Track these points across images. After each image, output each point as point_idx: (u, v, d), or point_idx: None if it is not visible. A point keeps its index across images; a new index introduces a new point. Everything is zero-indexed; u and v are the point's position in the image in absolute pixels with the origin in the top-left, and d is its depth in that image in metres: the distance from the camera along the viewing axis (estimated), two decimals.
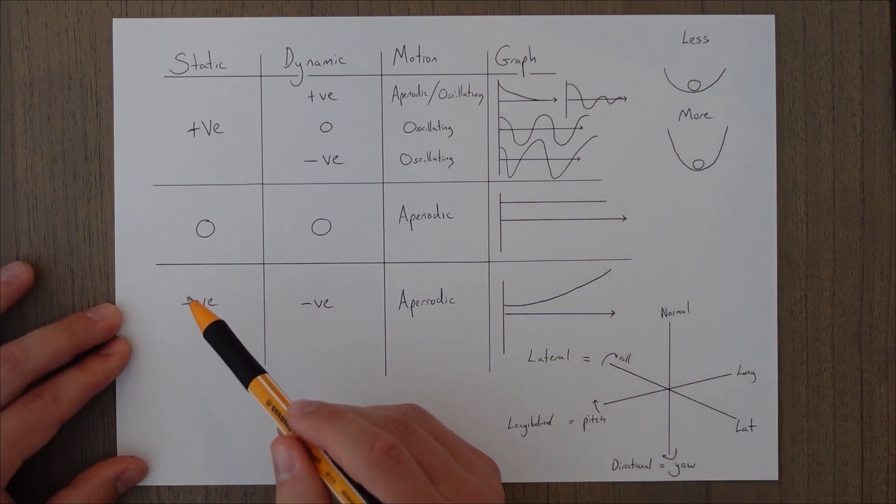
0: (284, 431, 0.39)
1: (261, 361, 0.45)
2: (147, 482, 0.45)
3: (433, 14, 0.46)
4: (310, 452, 0.38)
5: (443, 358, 0.46)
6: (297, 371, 0.46)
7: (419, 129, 0.46)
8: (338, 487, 0.37)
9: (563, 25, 0.46)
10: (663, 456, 0.46)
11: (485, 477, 0.39)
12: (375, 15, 0.46)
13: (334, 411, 0.38)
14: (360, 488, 0.37)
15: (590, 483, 0.46)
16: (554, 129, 0.46)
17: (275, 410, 0.39)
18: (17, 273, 0.44)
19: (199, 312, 0.42)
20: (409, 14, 0.46)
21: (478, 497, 0.38)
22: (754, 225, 0.46)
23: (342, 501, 0.37)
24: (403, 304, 0.46)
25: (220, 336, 0.42)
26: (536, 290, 0.46)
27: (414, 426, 0.39)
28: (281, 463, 0.38)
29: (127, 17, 0.46)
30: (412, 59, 0.46)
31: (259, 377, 0.40)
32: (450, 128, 0.46)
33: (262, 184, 0.46)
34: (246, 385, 0.40)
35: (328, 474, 0.37)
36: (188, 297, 0.45)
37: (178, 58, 0.46)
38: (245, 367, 0.41)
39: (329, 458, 0.38)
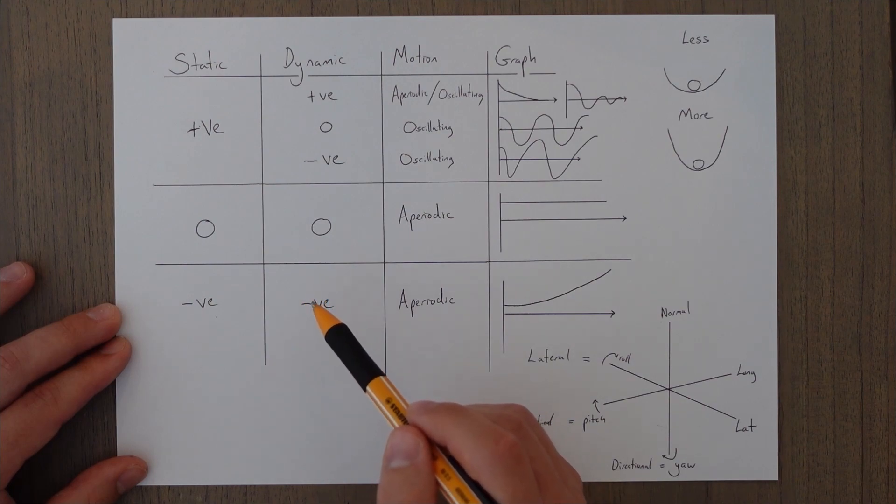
0: None
1: (260, 361, 0.46)
2: (147, 482, 0.45)
3: (433, 14, 0.46)
4: None
5: (443, 358, 0.46)
6: (297, 371, 0.46)
7: (419, 129, 0.46)
8: (452, 485, 0.37)
9: (563, 25, 0.46)
10: (663, 456, 0.46)
11: (575, 493, 0.39)
12: (375, 15, 0.46)
13: (457, 408, 0.38)
14: (473, 487, 0.37)
15: (590, 483, 0.46)
16: (554, 129, 0.46)
17: (394, 408, 0.39)
18: (18, 273, 0.44)
19: (321, 316, 0.42)
20: (409, 14, 0.46)
21: None
22: (754, 225, 0.46)
23: (454, 499, 0.37)
24: (403, 304, 0.46)
25: (341, 339, 0.42)
26: (536, 290, 0.46)
27: (527, 429, 0.39)
28: (403, 450, 0.38)
29: (127, 17, 0.46)
30: (412, 59, 0.46)
31: (378, 378, 0.40)
32: (450, 128, 0.46)
33: (262, 184, 0.46)
34: (364, 386, 0.40)
35: (443, 471, 0.37)
36: (313, 300, 0.45)
37: (178, 58, 0.46)
38: (365, 369, 0.41)
39: (445, 457, 0.38)
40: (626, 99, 0.46)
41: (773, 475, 0.46)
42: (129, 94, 0.46)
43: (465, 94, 0.46)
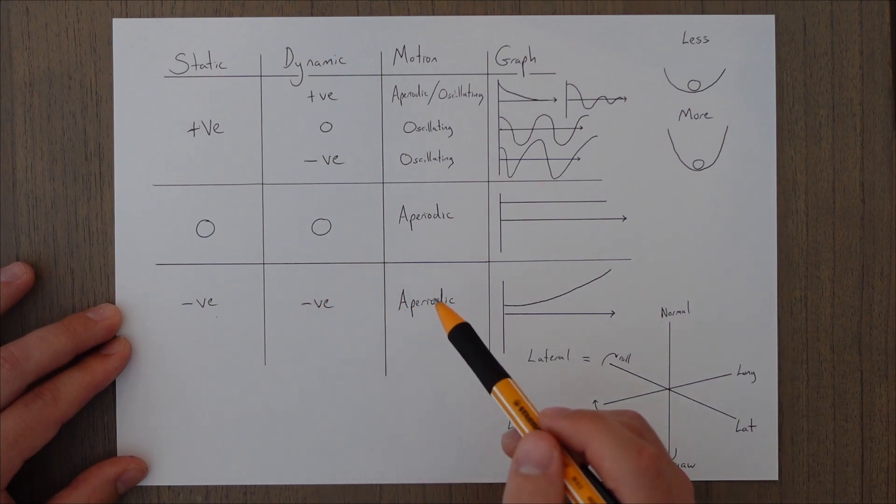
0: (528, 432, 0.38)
1: (260, 361, 0.46)
2: (147, 482, 0.45)
3: (433, 14, 0.46)
4: None
5: (443, 358, 0.46)
6: (298, 371, 0.46)
7: (419, 129, 0.46)
8: (584, 494, 0.36)
9: (563, 25, 0.46)
10: None
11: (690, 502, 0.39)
12: (375, 15, 0.46)
13: (597, 414, 0.37)
14: (605, 497, 0.36)
15: None
16: (554, 129, 0.46)
17: (522, 411, 0.38)
18: (18, 274, 0.44)
19: (445, 314, 0.41)
20: (409, 14, 0.46)
21: None
22: (754, 225, 0.46)
23: None
24: (403, 304, 0.46)
25: (464, 338, 0.41)
26: (536, 290, 0.46)
27: (654, 439, 0.39)
28: (536, 458, 0.37)
29: (127, 17, 0.46)
30: (412, 59, 0.46)
31: (506, 379, 0.39)
32: (450, 128, 0.46)
33: (262, 184, 0.46)
34: (489, 387, 0.39)
35: (574, 479, 0.36)
36: (434, 299, 0.45)
37: (178, 58, 0.46)
38: (489, 369, 0.40)
39: (576, 465, 0.37)
40: (626, 99, 0.46)
41: (773, 475, 0.46)
42: (129, 94, 0.46)
43: (465, 94, 0.46)
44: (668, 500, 0.36)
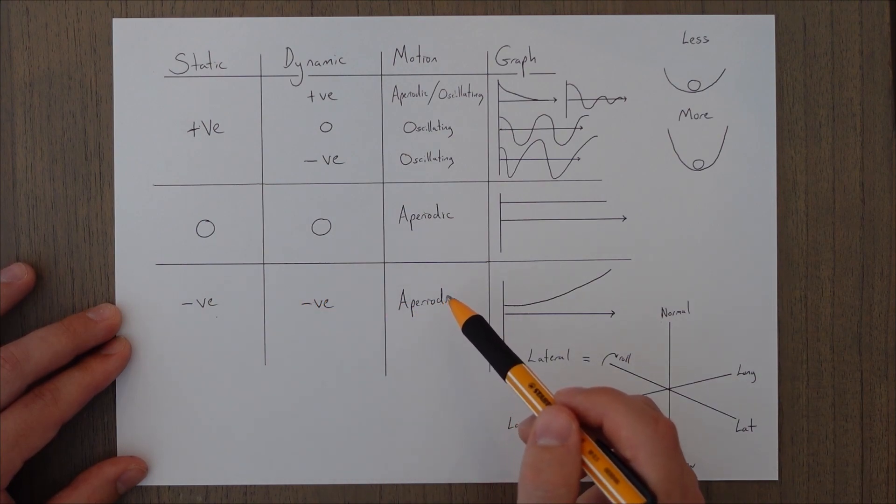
0: None
1: (260, 361, 0.46)
2: (147, 482, 0.45)
3: (433, 14, 0.46)
4: None
5: (443, 358, 0.46)
6: (298, 371, 0.46)
7: (419, 129, 0.46)
8: (600, 465, 0.37)
9: (563, 25, 0.46)
10: None
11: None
12: (375, 15, 0.46)
13: (612, 389, 0.39)
14: (621, 468, 0.37)
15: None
16: (554, 129, 0.46)
17: (537, 393, 0.39)
18: (18, 274, 0.44)
19: (457, 309, 0.44)
20: (409, 14, 0.46)
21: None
22: (754, 225, 0.46)
23: (603, 479, 0.37)
24: (403, 304, 0.46)
25: (477, 330, 0.42)
26: (536, 290, 0.46)
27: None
28: (555, 429, 0.38)
29: (127, 17, 0.46)
30: (412, 59, 0.46)
31: (520, 365, 0.41)
32: (450, 128, 0.46)
33: (262, 184, 0.46)
34: (503, 373, 0.41)
35: (590, 452, 0.37)
36: (447, 296, 0.46)
37: (178, 58, 0.46)
38: (503, 356, 0.41)
39: (592, 439, 0.38)
40: (626, 99, 0.46)
41: (773, 475, 0.46)
42: (129, 94, 0.46)
43: (465, 94, 0.46)
44: (681, 474, 0.36)
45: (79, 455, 0.46)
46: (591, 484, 0.38)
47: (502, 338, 0.44)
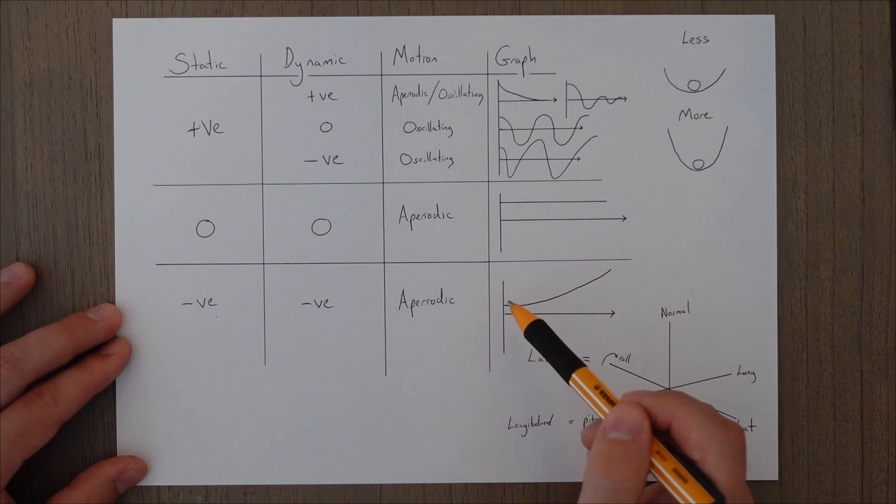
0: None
1: (260, 361, 0.46)
2: (147, 482, 0.45)
3: (433, 14, 0.46)
4: None
5: (443, 358, 0.46)
6: (298, 371, 0.46)
7: (419, 129, 0.46)
8: (668, 465, 0.37)
9: (563, 25, 0.46)
10: None
11: None
12: (375, 15, 0.46)
13: (681, 392, 0.39)
14: (688, 468, 0.37)
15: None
16: (554, 129, 0.46)
17: (603, 394, 0.40)
18: (18, 274, 0.44)
19: (519, 314, 0.44)
20: (409, 14, 0.46)
21: None
22: (754, 225, 0.46)
23: (671, 479, 0.37)
24: (403, 304, 0.46)
25: (539, 334, 0.43)
26: (536, 290, 0.46)
27: None
28: (628, 423, 0.38)
29: (127, 17, 0.46)
30: (412, 59, 0.46)
31: (583, 368, 0.41)
32: (450, 128, 0.46)
33: (262, 184, 0.46)
34: (567, 376, 0.41)
35: (658, 453, 0.38)
36: (508, 301, 0.46)
37: (178, 58, 0.46)
38: (566, 361, 0.41)
39: (660, 440, 0.38)
40: (626, 99, 0.46)
41: (773, 475, 0.46)
42: (129, 94, 0.46)
43: (465, 94, 0.46)
44: (744, 476, 0.37)
45: (78, 455, 0.46)
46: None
47: (502, 339, 0.44)
